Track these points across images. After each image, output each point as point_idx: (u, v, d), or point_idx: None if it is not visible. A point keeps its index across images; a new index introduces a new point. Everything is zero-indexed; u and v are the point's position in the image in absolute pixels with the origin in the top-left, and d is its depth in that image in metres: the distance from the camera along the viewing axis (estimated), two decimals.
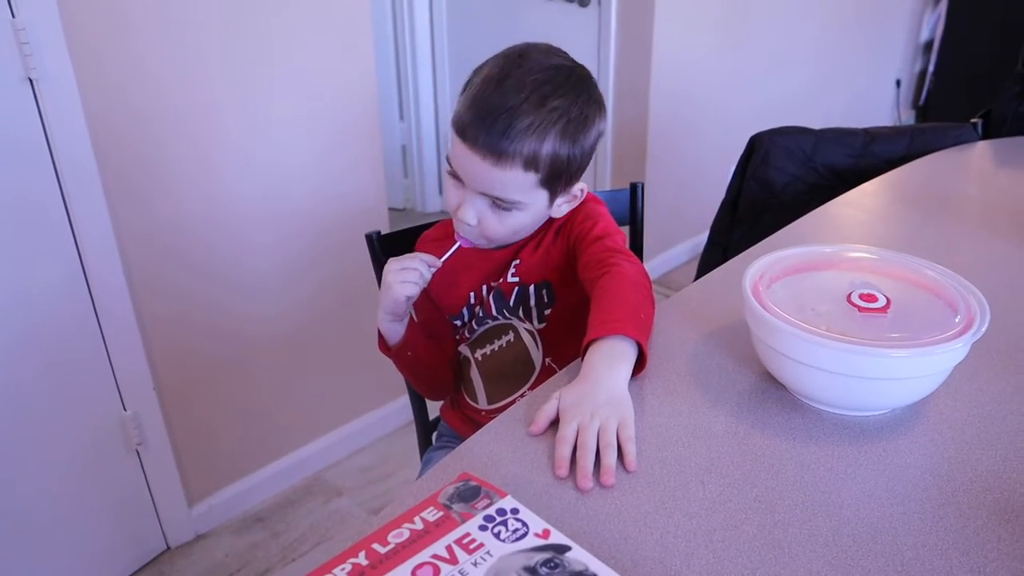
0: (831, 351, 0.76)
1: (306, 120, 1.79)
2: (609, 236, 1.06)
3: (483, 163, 0.96)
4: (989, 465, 0.75)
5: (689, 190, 3.08)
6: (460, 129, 0.97)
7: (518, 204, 1.00)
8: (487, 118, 0.94)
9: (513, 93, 0.95)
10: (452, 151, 1.00)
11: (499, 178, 0.97)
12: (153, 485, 1.78)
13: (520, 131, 0.94)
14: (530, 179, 0.98)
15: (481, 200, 1.01)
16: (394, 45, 3.29)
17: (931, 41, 4.58)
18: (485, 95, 0.96)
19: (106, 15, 1.43)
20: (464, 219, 1.02)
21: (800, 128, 1.80)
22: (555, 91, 0.96)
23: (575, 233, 1.08)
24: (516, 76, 0.96)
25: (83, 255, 1.50)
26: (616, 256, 1.01)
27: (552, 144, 0.97)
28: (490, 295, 1.14)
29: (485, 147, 0.95)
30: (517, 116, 0.94)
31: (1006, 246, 1.26)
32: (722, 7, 2.91)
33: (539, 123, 0.95)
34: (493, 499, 0.64)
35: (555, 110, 0.96)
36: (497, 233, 1.04)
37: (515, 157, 0.95)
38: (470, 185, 1.00)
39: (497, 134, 0.94)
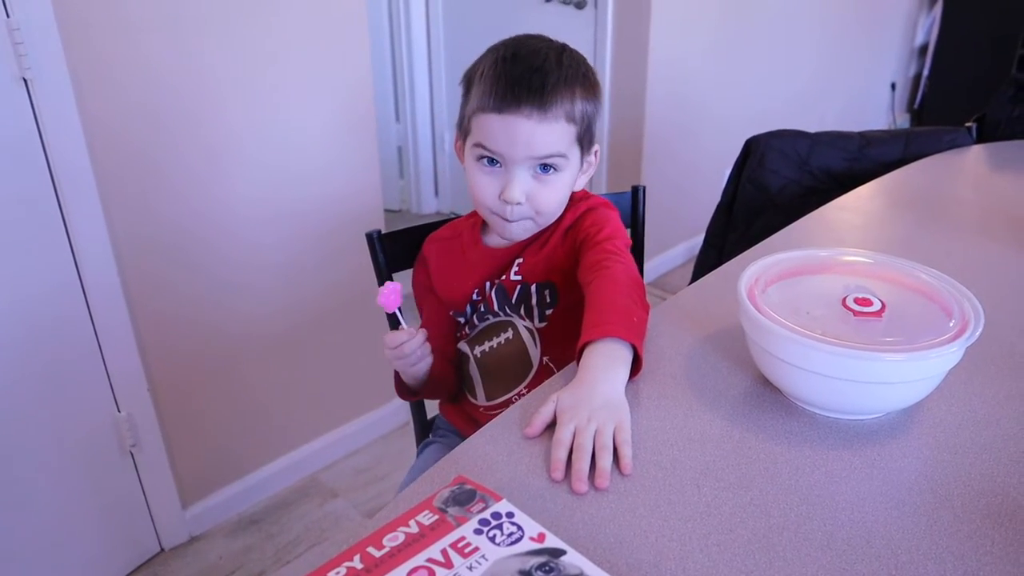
0: (826, 355, 0.76)
1: (302, 121, 1.79)
2: (610, 240, 1.06)
3: (529, 122, 0.99)
4: (983, 469, 0.76)
5: (685, 192, 3.08)
6: (496, 104, 0.99)
7: (563, 160, 1.04)
8: (522, 82, 0.98)
9: (531, 58, 1.01)
10: (485, 134, 1.01)
11: (547, 134, 1.00)
12: (147, 487, 1.77)
13: (555, 84, 0.99)
14: (570, 132, 1.03)
15: (524, 173, 1.03)
16: (390, 47, 3.29)
17: (926, 45, 4.60)
18: (507, 69, 1.00)
19: (102, 15, 1.42)
20: (513, 198, 1.03)
21: (795, 131, 1.80)
22: (562, 54, 1.04)
23: (581, 236, 1.09)
24: (525, 49, 1.02)
25: (77, 256, 1.50)
26: (611, 258, 1.02)
27: (580, 96, 1.02)
28: (492, 291, 1.15)
29: (531, 104, 0.98)
30: (547, 73, 0.99)
31: (1000, 250, 1.26)
32: (718, 10, 2.92)
33: (565, 77, 1.01)
34: (488, 503, 0.64)
35: (571, 67, 1.02)
36: (548, 203, 1.06)
37: (559, 108, 1.00)
38: (513, 158, 1.01)
39: (537, 90, 0.98)
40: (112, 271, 1.55)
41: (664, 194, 2.97)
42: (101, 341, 1.59)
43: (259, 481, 2.00)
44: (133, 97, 1.51)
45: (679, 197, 3.06)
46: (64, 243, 1.48)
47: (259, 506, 2.00)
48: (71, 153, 1.44)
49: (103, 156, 1.49)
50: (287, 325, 1.93)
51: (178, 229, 1.65)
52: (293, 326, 1.94)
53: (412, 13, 3.19)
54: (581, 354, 0.88)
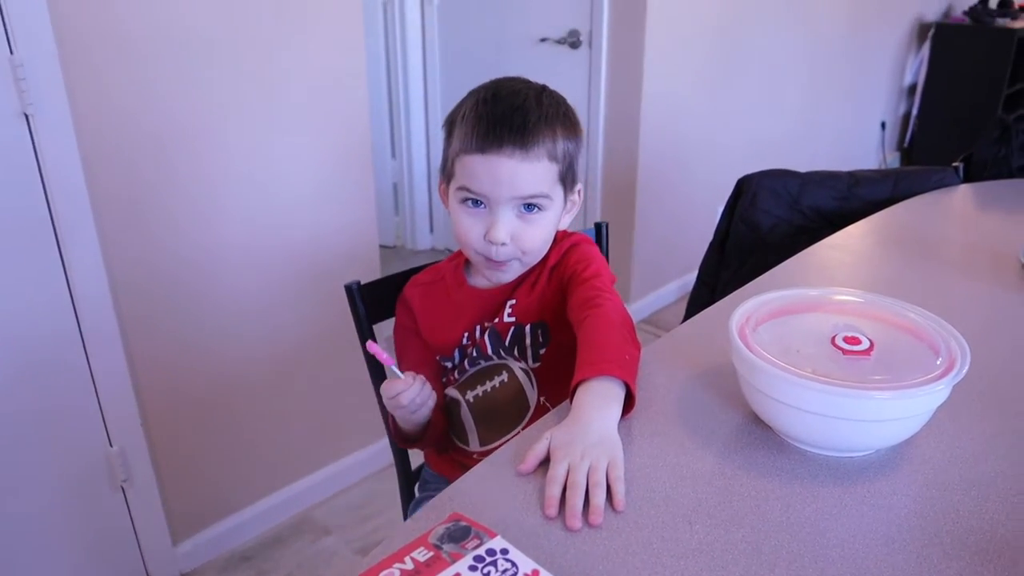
0: (815, 393, 0.77)
1: (299, 157, 1.81)
2: (598, 277, 1.07)
3: (511, 162, 1.00)
4: (972, 506, 0.76)
5: (678, 230, 3.11)
6: (479, 145, 1.00)
7: (546, 199, 1.04)
8: (503, 121, 1.00)
9: (512, 99, 1.02)
10: (469, 175, 1.02)
11: (530, 173, 1.01)
12: (138, 522, 1.76)
13: (536, 123, 1.01)
14: (552, 171, 1.04)
15: (509, 213, 1.03)
16: (387, 85, 3.34)
17: (915, 84, 4.68)
18: (488, 110, 1.01)
19: (103, 53, 1.45)
20: (498, 239, 1.03)
21: (786, 171, 1.83)
22: (541, 94, 1.05)
23: (568, 273, 1.10)
24: (505, 90, 1.04)
25: (73, 289, 1.51)
26: (601, 295, 1.03)
27: (562, 135, 1.04)
28: (485, 335, 1.14)
29: (513, 144, 0.99)
30: (528, 112, 1.01)
31: (987, 288, 1.28)
32: (710, 49, 2.97)
33: (546, 116, 1.02)
34: (483, 539, 0.65)
35: (551, 106, 1.04)
36: (533, 242, 1.06)
37: (541, 147, 1.01)
38: (498, 198, 1.02)
39: (519, 129, 0.99)
40: (108, 305, 1.56)
41: (658, 231, 3.00)
42: (95, 375, 1.59)
43: (251, 517, 1.99)
44: (132, 133, 1.52)
45: (672, 234, 3.09)
46: (60, 277, 1.49)
47: (251, 543, 1.98)
48: (69, 187, 1.45)
49: (101, 191, 1.50)
50: (281, 360, 1.93)
51: (174, 264, 1.66)
52: (287, 361, 1.94)
53: (408, 52, 3.24)
54: (575, 392, 0.89)
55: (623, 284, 2.95)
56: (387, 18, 3.21)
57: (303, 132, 1.80)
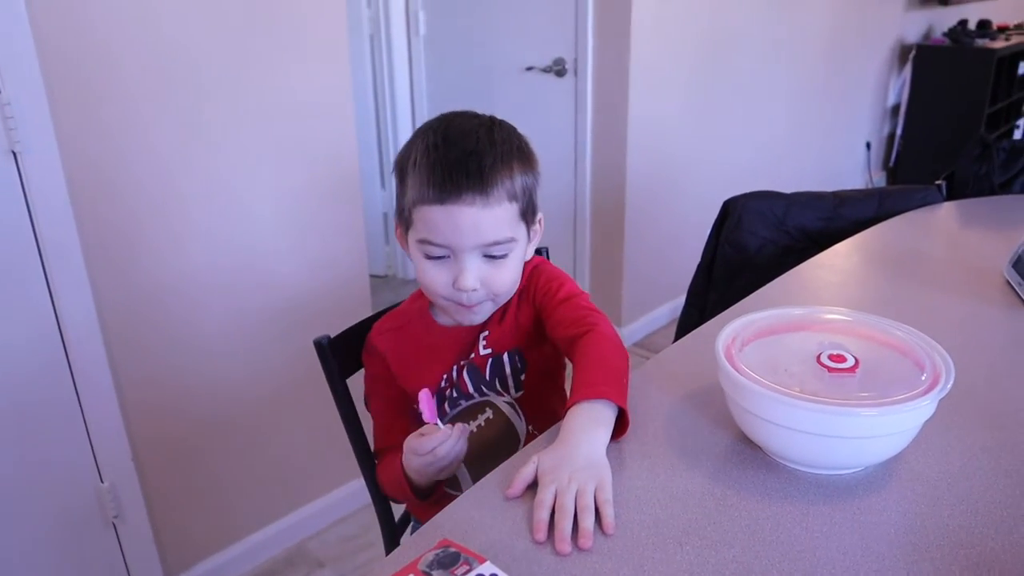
0: (802, 411, 0.78)
1: (287, 188, 1.82)
2: (578, 296, 1.08)
3: (472, 209, 0.96)
4: (961, 520, 0.77)
5: (667, 253, 3.13)
6: (436, 195, 0.96)
7: (510, 243, 1.01)
8: (459, 167, 0.95)
9: (464, 141, 0.98)
10: (429, 228, 0.98)
11: (492, 219, 0.97)
12: (129, 559, 1.74)
13: (492, 166, 0.97)
14: (513, 211, 1.00)
15: (474, 260, 1.00)
16: (375, 114, 3.36)
17: (898, 105, 4.73)
18: (440, 156, 0.96)
19: (90, 92, 1.46)
20: (467, 286, 0.99)
21: (772, 192, 1.85)
22: (491, 131, 1.01)
23: (539, 295, 1.09)
24: (455, 131, 0.99)
25: (62, 326, 1.50)
26: (593, 315, 1.03)
27: (519, 171, 1.00)
28: (463, 372, 1.11)
29: (473, 192, 0.95)
30: (482, 156, 0.97)
31: (970, 304, 1.29)
32: (697, 77, 3.00)
33: (500, 156, 0.98)
34: (472, 565, 0.65)
35: (504, 143, 1.00)
36: (503, 284, 1.03)
37: (500, 189, 0.97)
38: (462, 247, 0.98)
39: (476, 176, 0.95)
40: (97, 341, 1.56)
41: (647, 255, 3.01)
42: (85, 410, 1.58)
43: (244, 551, 1.97)
44: (119, 166, 1.53)
45: (662, 258, 3.10)
46: (49, 313, 1.49)
47: None
48: (57, 224, 1.45)
49: (89, 226, 1.51)
50: (273, 391, 1.92)
51: (162, 297, 1.66)
52: (278, 393, 1.93)
53: (396, 83, 3.27)
54: (566, 414, 0.89)
55: (613, 308, 2.96)
56: (374, 49, 3.25)
57: (290, 163, 1.81)
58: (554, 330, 1.06)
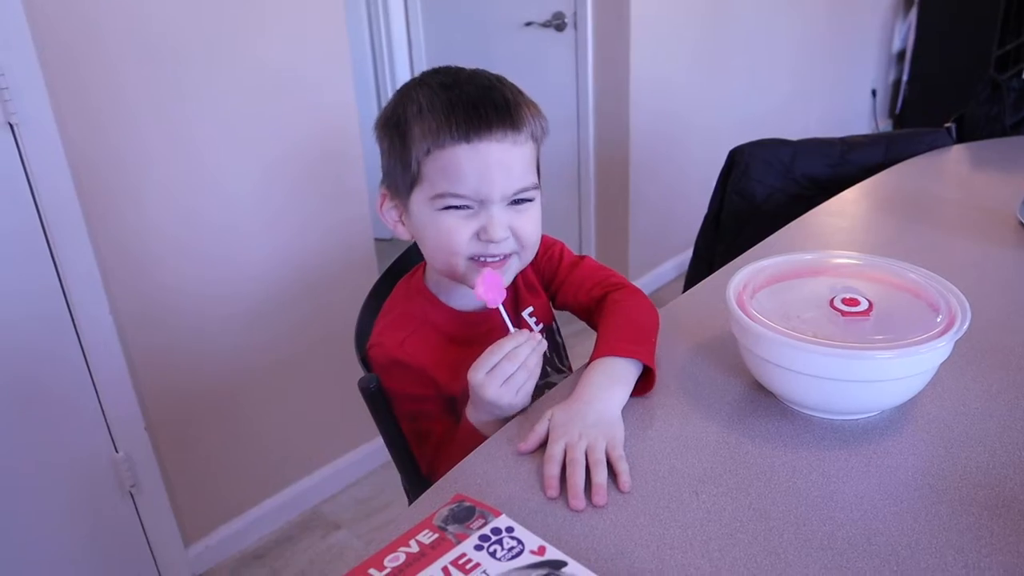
0: (817, 356, 0.77)
1: (289, 156, 1.80)
2: (586, 259, 1.06)
3: (502, 146, 0.86)
4: (978, 462, 0.76)
5: (673, 208, 3.10)
6: (461, 132, 0.85)
7: (535, 188, 0.92)
8: (485, 101, 0.86)
9: (475, 79, 0.90)
10: (450, 176, 0.86)
11: (520, 159, 0.88)
12: (148, 527, 1.76)
13: (515, 100, 0.89)
14: (534, 155, 0.92)
15: (501, 208, 0.89)
16: (374, 75, 3.32)
17: (903, 50, 4.66)
18: (456, 95, 0.87)
19: (85, 59, 1.44)
20: (498, 236, 0.88)
21: (778, 140, 1.82)
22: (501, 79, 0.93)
23: (543, 262, 1.06)
24: (457, 74, 0.91)
25: (68, 296, 1.50)
26: (616, 276, 1.02)
27: (534, 112, 0.91)
28: None
29: (503, 123, 0.86)
30: (501, 89, 0.89)
31: (983, 246, 1.27)
32: (698, 25, 2.95)
33: (516, 93, 0.90)
34: (488, 519, 0.65)
35: (513, 85, 0.92)
36: (530, 234, 0.92)
37: (527, 124, 0.89)
38: (490, 196, 0.87)
39: (504, 108, 0.86)
40: (104, 310, 1.55)
41: (653, 210, 2.99)
42: (96, 382, 1.58)
43: (261, 516, 1.99)
44: (120, 136, 1.52)
45: (667, 213, 3.08)
46: (55, 283, 1.48)
47: (262, 542, 1.98)
48: (59, 195, 1.44)
49: (90, 195, 1.50)
50: (283, 357, 1.92)
51: (169, 266, 1.66)
52: (289, 358, 1.94)
53: (394, 42, 3.23)
54: (586, 368, 0.88)
55: (620, 264, 2.95)
56: (370, 9, 3.20)
57: (291, 127, 1.79)
58: (573, 294, 1.03)
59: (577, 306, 1.04)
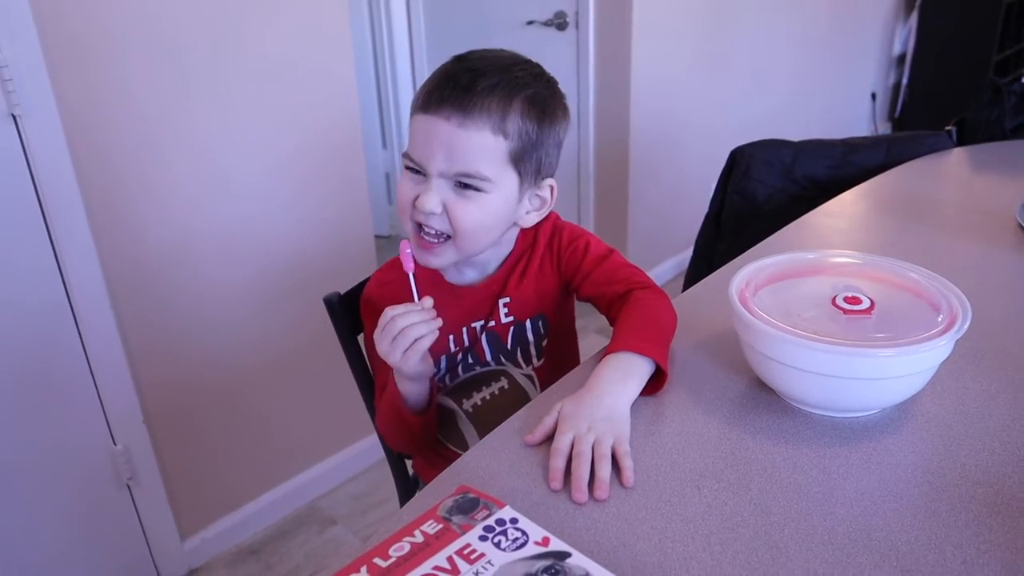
0: (819, 353, 0.77)
1: (290, 150, 1.80)
2: (614, 253, 1.06)
3: (448, 125, 0.88)
4: (977, 460, 0.77)
5: (672, 208, 3.11)
6: (423, 102, 0.90)
7: (486, 181, 0.91)
8: (451, 80, 0.89)
9: (477, 61, 0.92)
10: (411, 139, 0.92)
11: (466, 143, 0.88)
12: (145, 520, 1.76)
13: (486, 87, 0.88)
14: (500, 148, 0.90)
15: (444, 183, 0.91)
16: (375, 74, 3.32)
17: (904, 54, 4.67)
18: (443, 69, 0.92)
19: (89, 52, 1.44)
20: (425, 206, 0.90)
21: (780, 141, 1.82)
22: (517, 64, 0.94)
23: (566, 254, 1.05)
24: (480, 52, 0.95)
25: (69, 288, 1.50)
26: (641, 274, 1.03)
27: (520, 110, 0.91)
28: (483, 338, 1.05)
29: (451, 104, 0.88)
30: (483, 74, 0.89)
31: (982, 248, 1.28)
32: (699, 26, 2.95)
33: (506, 83, 0.90)
34: (492, 510, 0.65)
35: (521, 77, 0.92)
36: (466, 221, 0.92)
37: (482, 114, 0.88)
38: (433, 164, 0.90)
39: (462, 89, 0.88)
40: (104, 302, 1.55)
41: (652, 210, 2.99)
42: (95, 374, 1.58)
43: (257, 511, 1.99)
44: (122, 130, 1.51)
45: (666, 213, 3.08)
46: (55, 276, 1.48)
47: (258, 536, 1.98)
48: (61, 187, 1.44)
49: (92, 189, 1.50)
50: (281, 352, 1.92)
51: (169, 258, 1.66)
52: (287, 353, 1.94)
53: (396, 39, 3.23)
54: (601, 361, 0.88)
55: None
56: (372, 6, 3.20)
57: (293, 123, 1.79)
58: (594, 287, 1.03)
59: (600, 299, 1.03)
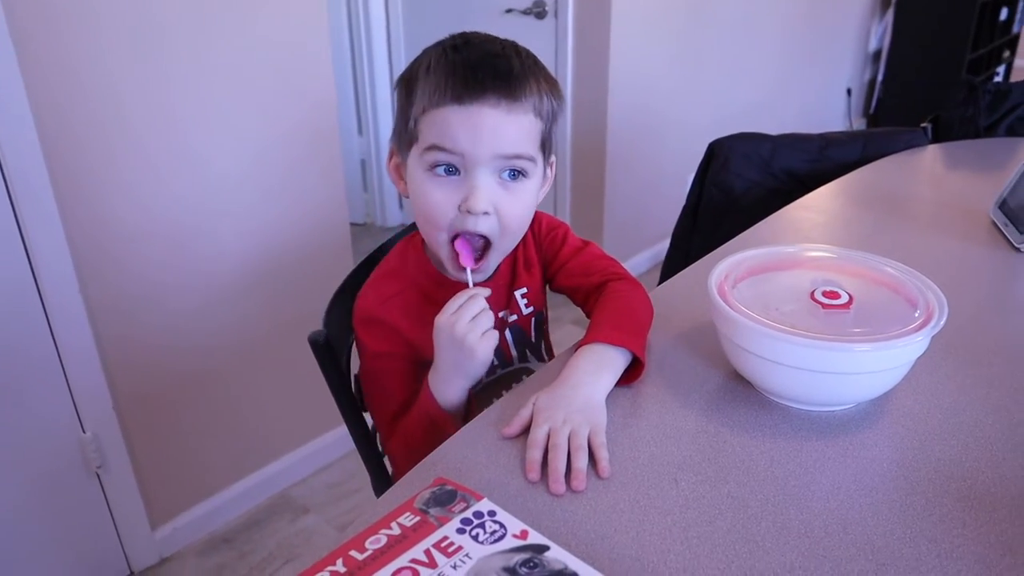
0: (797, 347, 0.77)
1: (265, 136, 1.78)
2: (591, 245, 1.05)
3: (496, 112, 0.84)
4: (951, 455, 0.77)
5: (648, 199, 3.11)
6: (456, 93, 0.84)
7: (530, 164, 0.89)
8: (483, 66, 0.84)
9: (488, 45, 0.88)
10: (441, 132, 0.85)
11: (515, 127, 0.86)
12: (115, 508, 1.74)
13: (521, 71, 0.86)
14: (537, 130, 0.89)
15: (488, 178, 0.87)
16: (351, 60, 3.29)
17: (879, 50, 4.70)
18: (462, 57, 0.85)
19: (57, 26, 1.40)
20: (479, 207, 0.86)
21: (758, 134, 1.83)
22: (515, 45, 0.90)
23: (545, 244, 1.05)
24: (476, 39, 0.89)
25: (36, 273, 1.47)
26: (618, 266, 1.02)
27: (546, 90, 0.89)
28: (506, 333, 1.01)
29: (498, 92, 0.84)
30: (510, 59, 0.86)
31: (957, 244, 1.29)
32: (679, 19, 2.96)
33: (529, 67, 0.88)
34: (469, 502, 0.64)
35: (531, 59, 0.90)
36: (515, 217, 0.90)
37: (528, 98, 0.86)
38: (477, 157, 0.85)
39: (504, 74, 0.84)
40: (73, 287, 1.53)
41: (628, 201, 3.00)
42: (64, 360, 1.56)
43: (229, 499, 1.97)
44: (92, 110, 1.48)
45: (643, 204, 3.09)
46: (22, 259, 1.45)
47: (230, 525, 1.97)
48: (28, 168, 1.41)
49: (62, 172, 1.46)
50: (254, 338, 1.90)
51: (140, 244, 1.63)
52: (260, 340, 1.92)
53: (372, 25, 3.19)
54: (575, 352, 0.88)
55: None
56: None
57: (268, 112, 1.77)
58: (569, 278, 1.02)
59: (574, 290, 1.03)
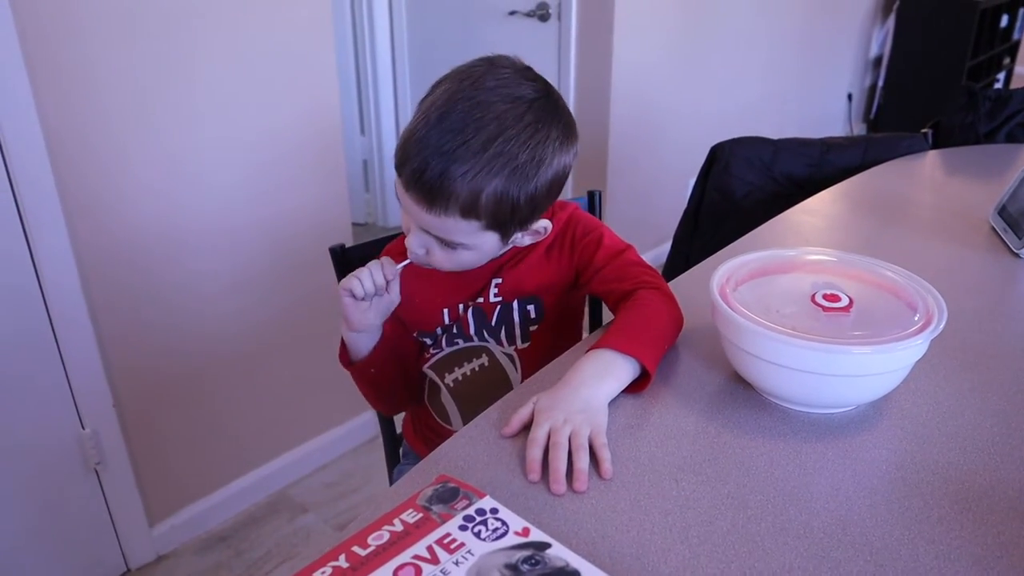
0: (797, 349, 0.78)
1: (268, 135, 1.78)
2: (629, 250, 1.05)
3: (417, 207, 0.89)
4: (950, 457, 0.78)
5: (649, 201, 3.12)
6: (397, 164, 0.90)
7: (463, 245, 0.94)
8: (420, 161, 0.86)
9: (453, 134, 0.85)
10: (396, 179, 0.92)
11: (436, 223, 0.90)
12: (112, 505, 1.74)
13: (455, 178, 0.85)
14: (472, 225, 0.90)
15: (424, 235, 0.94)
16: (355, 60, 3.29)
17: (880, 56, 4.72)
18: (423, 132, 0.86)
19: (64, 26, 1.41)
20: (411, 247, 0.96)
21: (759, 138, 1.84)
22: (502, 132, 0.86)
23: (579, 248, 1.05)
24: (463, 108, 0.86)
25: (39, 270, 1.47)
26: (653, 274, 1.01)
27: (495, 188, 0.87)
28: (468, 312, 1.07)
29: (418, 192, 0.88)
30: (453, 161, 0.85)
31: (956, 250, 1.30)
32: (681, 23, 2.96)
33: (479, 169, 0.86)
34: (472, 500, 0.65)
35: (500, 156, 0.86)
36: (444, 267, 0.98)
37: (450, 205, 0.87)
38: (411, 223, 0.94)
39: (429, 181, 0.86)
40: (75, 286, 1.53)
41: (629, 202, 3.00)
42: (65, 357, 1.56)
43: (227, 497, 1.97)
44: (97, 111, 1.49)
45: (644, 206, 3.09)
46: (26, 257, 1.45)
47: (228, 523, 1.97)
48: (33, 167, 1.41)
49: (65, 169, 1.47)
50: (254, 339, 1.91)
51: (143, 244, 1.63)
52: (260, 340, 1.92)
53: (376, 26, 3.20)
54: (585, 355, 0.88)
55: None
56: None
57: (271, 112, 1.77)
58: (603, 283, 1.02)
59: (607, 295, 1.03)
